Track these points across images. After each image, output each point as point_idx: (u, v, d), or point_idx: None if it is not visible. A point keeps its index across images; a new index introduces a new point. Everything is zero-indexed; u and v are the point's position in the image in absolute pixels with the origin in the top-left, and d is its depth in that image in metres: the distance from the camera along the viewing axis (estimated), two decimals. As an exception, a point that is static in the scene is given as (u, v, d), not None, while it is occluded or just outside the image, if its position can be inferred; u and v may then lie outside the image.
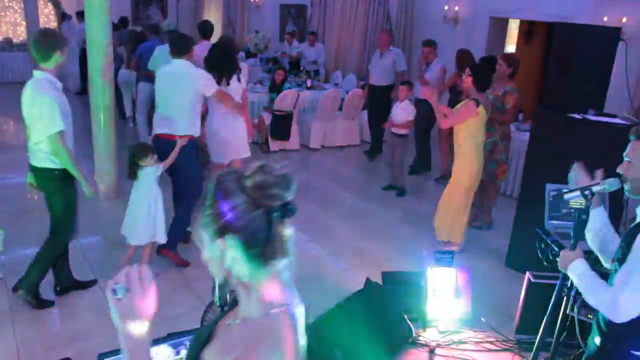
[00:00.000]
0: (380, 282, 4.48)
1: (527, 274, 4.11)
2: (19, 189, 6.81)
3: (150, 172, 4.83)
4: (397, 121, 7.28)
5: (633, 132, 2.38)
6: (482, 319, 4.49)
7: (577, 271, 2.44)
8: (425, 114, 7.65)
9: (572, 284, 3.31)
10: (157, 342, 3.34)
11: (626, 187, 2.39)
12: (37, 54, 4.03)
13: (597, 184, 2.53)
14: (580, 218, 2.52)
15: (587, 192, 2.52)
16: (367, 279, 4.39)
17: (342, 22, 12.21)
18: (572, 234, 2.56)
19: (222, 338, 1.56)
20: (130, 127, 10.39)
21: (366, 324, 3.90)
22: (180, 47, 5.16)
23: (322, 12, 12.79)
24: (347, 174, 8.68)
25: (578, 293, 3.34)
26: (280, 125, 9.05)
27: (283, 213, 1.49)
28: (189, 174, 5.19)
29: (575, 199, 2.61)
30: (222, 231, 1.42)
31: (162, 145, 5.04)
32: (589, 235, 2.71)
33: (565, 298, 3.29)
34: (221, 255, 1.44)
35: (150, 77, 7.11)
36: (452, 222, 5.65)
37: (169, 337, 3.40)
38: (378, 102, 8.89)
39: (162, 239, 4.94)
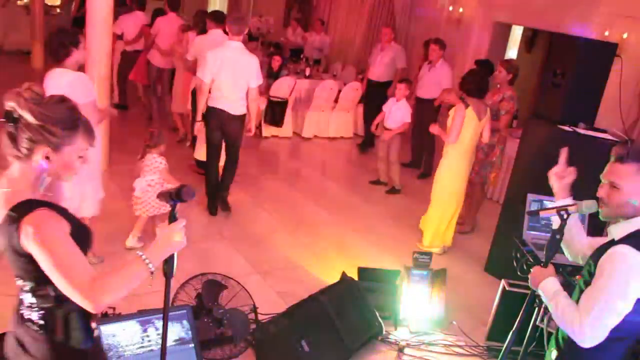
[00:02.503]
0: (355, 277, 4.47)
1: (503, 281, 4.12)
2: None
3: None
4: (390, 119, 7.23)
5: (614, 152, 2.27)
6: (454, 322, 4.50)
7: (547, 291, 2.38)
8: (427, 113, 7.63)
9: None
10: (126, 318, 3.35)
11: (602, 211, 2.31)
12: None
13: (574, 204, 2.46)
14: (554, 237, 2.45)
15: (562, 213, 2.45)
16: (343, 273, 4.39)
17: (346, 13, 12.13)
18: (545, 252, 2.50)
19: None
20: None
21: (337, 317, 3.91)
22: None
23: (328, 1, 12.71)
24: (336, 166, 8.67)
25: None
26: (275, 111, 9.02)
27: None
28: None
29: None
30: None
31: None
32: (564, 242, 2.64)
33: (536, 309, 3.31)
34: None
35: None
36: (432, 225, 5.65)
37: (139, 314, 3.41)
38: (374, 97, 8.86)
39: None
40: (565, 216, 2.44)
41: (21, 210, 1.83)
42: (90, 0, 6.35)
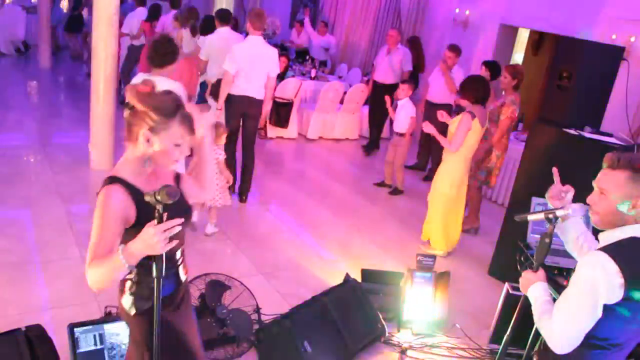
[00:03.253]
0: (359, 278, 4.47)
1: (506, 284, 4.10)
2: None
3: None
4: (396, 121, 7.25)
5: (606, 158, 2.24)
6: (457, 325, 4.49)
7: (533, 294, 2.34)
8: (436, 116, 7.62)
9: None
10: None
11: (592, 218, 2.26)
12: None
13: (562, 208, 2.42)
14: (543, 241, 2.42)
15: (551, 216, 2.42)
16: (346, 275, 4.39)
17: (352, 14, 12.14)
18: (535, 256, 2.47)
19: None
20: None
21: (340, 319, 3.91)
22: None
23: (334, 3, 12.72)
24: (341, 167, 8.66)
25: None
26: (280, 112, 9.03)
27: None
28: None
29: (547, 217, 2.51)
30: None
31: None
32: (567, 245, 2.64)
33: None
34: None
35: None
36: (439, 230, 5.63)
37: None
38: (380, 99, 8.83)
39: None
40: (554, 220, 2.42)
41: (106, 181, 2.18)
42: (96, 0, 6.39)
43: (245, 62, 5.96)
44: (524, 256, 3.69)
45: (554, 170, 2.62)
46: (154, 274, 2.00)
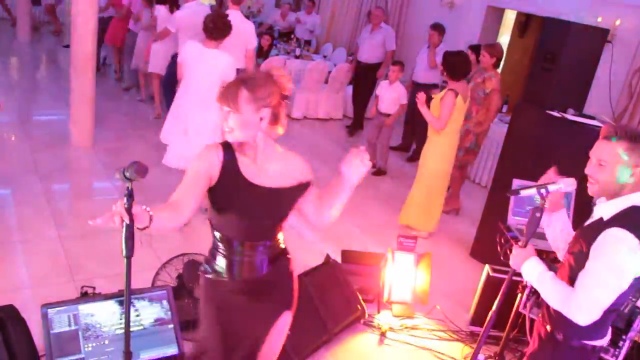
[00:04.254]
0: (339, 259, 4.44)
1: (487, 266, 4.10)
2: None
3: None
4: (384, 102, 7.17)
5: (603, 130, 2.32)
6: (438, 306, 4.48)
7: (533, 271, 2.40)
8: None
9: (528, 283, 3.33)
10: (105, 297, 3.30)
11: (590, 188, 2.34)
12: None
13: (554, 182, 2.49)
14: (534, 215, 2.47)
15: (542, 191, 2.49)
16: (327, 256, 4.36)
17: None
18: (524, 231, 2.53)
19: None
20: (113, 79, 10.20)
21: (319, 300, 3.88)
22: None
23: (320, -19, 12.56)
24: (325, 147, 8.60)
25: (532, 292, 3.35)
26: (264, 91, 8.90)
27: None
28: None
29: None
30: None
31: None
32: (549, 237, 2.69)
33: (519, 295, 3.29)
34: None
35: None
36: (418, 208, 5.62)
37: (118, 294, 3.36)
38: (363, 79, 8.80)
39: None
40: (545, 194, 2.50)
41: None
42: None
43: None
44: (505, 238, 3.68)
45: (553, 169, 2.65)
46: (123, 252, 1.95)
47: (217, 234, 2.41)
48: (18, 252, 4.39)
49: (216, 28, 4.99)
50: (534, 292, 3.21)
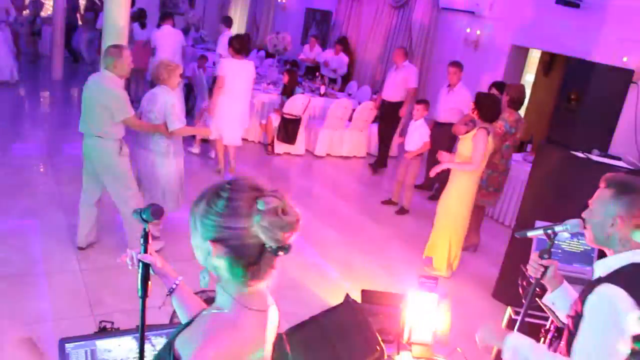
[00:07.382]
0: (359, 299, 4.40)
1: (509, 308, 4.02)
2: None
3: None
4: (410, 141, 7.18)
5: (605, 179, 2.30)
6: (458, 349, 4.39)
7: (522, 346, 2.35)
8: (444, 138, 7.54)
9: (551, 325, 3.25)
10: (123, 333, 3.30)
11: (586, 234, 2.31)
12: None
13: (560, 224, 2.45)
14: (542, 257, 2.47)
15: (549, 231, 2.46)
16: (347, 295, 4.31)
17: (364, 33, 12.15)
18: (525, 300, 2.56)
19: (194, 326, 1.57)
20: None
21: (338, 340, 3.83)
22: None
23: (346, 21, 12.73)
24: (348, 185, 8.61)
25: (555, 337, 3.27)
26: (288, 128, 9.01)
27: (277, 251, 1.54)
28: None
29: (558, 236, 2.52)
30: (216, 239, 1.47)
31: None
32: (562, 314, 2.57)
33: (542, 339, 3.21)
34: (207, 254, 1.50)
35: None
36: (444, 250, 5.56)
37: (136, 330, 3.35)
38: (387, 117, 8.84)
39: None
40: (552, 235, 2.47)
41: None
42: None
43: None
44: (527, 281, 3.61)
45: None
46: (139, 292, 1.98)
47: None
48: (41, 284, 4.43)
49: (242, 48, 7.27)
50: (557, 337, 3.13)
